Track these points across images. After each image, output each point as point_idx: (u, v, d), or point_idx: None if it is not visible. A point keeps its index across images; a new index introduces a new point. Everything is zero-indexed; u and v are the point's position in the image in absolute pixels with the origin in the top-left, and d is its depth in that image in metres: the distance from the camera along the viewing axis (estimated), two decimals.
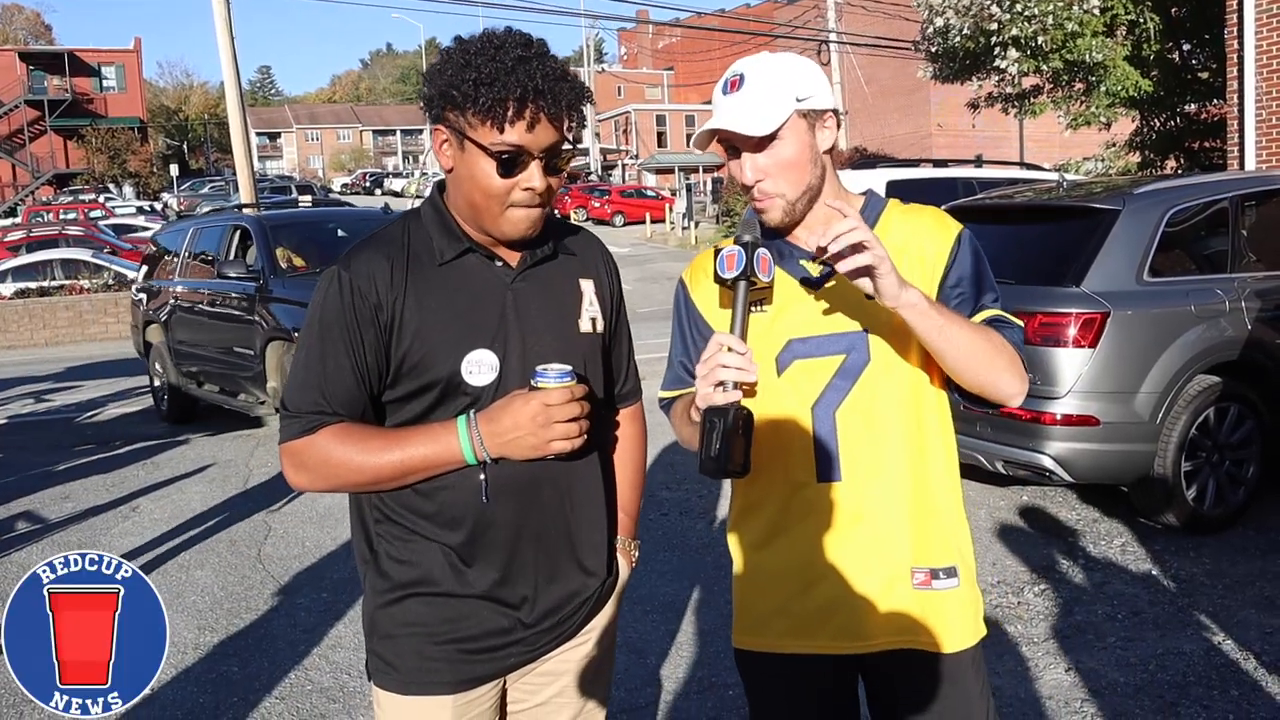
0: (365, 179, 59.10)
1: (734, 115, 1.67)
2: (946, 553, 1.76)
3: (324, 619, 4.43)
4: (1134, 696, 3.44)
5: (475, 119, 1.57)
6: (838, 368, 1.73)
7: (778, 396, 1.75)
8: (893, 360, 1.72)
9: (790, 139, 1.69)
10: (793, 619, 1.77)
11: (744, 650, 1.85)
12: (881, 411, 1.72)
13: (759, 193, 1.72)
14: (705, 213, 36.74)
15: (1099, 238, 4.94)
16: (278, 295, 7.64)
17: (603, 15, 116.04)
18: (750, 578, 1.82)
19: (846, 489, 1.73)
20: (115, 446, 8.39)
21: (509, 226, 1.64)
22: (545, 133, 1.59)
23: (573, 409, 1.57)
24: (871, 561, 1.74)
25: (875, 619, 1.74)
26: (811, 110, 1.70)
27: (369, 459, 1.60)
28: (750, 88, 1.68)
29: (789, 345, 1.75)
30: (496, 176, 1.60)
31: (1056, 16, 12.77)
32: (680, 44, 58.87)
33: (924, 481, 1.75)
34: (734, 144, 1.71)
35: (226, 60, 16.81)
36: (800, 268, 1.77)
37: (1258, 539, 4.90)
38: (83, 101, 51.15)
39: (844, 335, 1.73)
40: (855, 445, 1.72)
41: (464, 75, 1.56)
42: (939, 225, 1.79)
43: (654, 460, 6.62)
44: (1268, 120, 10.53)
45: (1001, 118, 18.33)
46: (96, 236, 23.23)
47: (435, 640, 1.68)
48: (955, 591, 1.76)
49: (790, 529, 1.76)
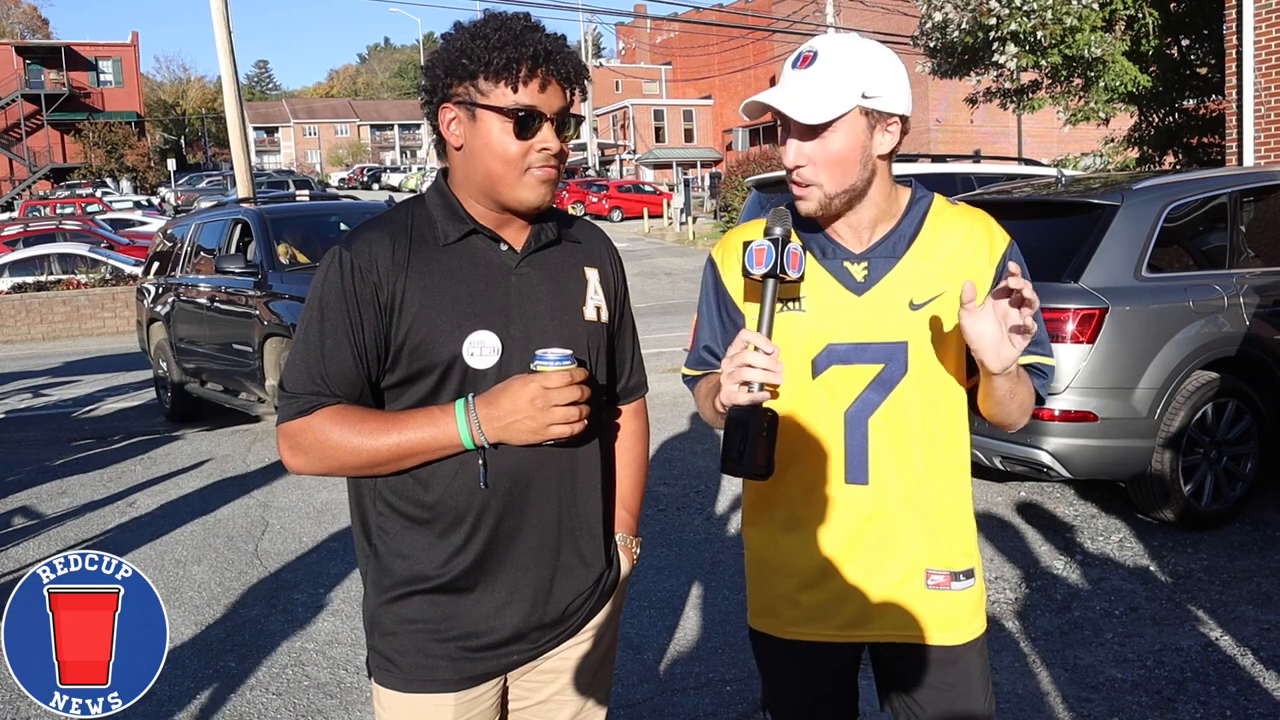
0: (363, 174, 59.06)
1: (790, 96, 1.62)
2: (966, 555, 1.79)
3: (321, 614, 4.43)
4: (1131, 692, 3.45)
5: (488, 84, 1.59)
6: (875, 376, 1.72)
7: (812, 398, 1.74)
8: (928, 373, 1.72)
9: (843, 134, 1.63)
10: (802, 609, 1.79)
11: (758, 631, 1.88)
12: (912, 421, 1.73)
13: (797, 177, 1.68)
14: (703, 208, 36.71)
15: (1097, 233, 4.94)
16: (277, 290, 7.61)
17: (601, 10, 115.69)
18: (765, 565, 1.84)
19: (871, 492, 1.74)
20: (112, 442, 8.38)
21: (527, 192, 1.63)
22: (555, 96, 1.62)
23: (572, 393, 1.55)
24: (886, 560, 1.75)
25: (883, 613, 1.76)
26: (876, 110, 1.64)
27: (365, 441, 1.58)
28: (818, 70, 1.62)
29: (828, 349, 1.73)
30: (513, 138, 1.60)
31: (1055, 11, 12.76)
32: (678, 39, 58.76)
33: (943, 485, 1.76)
34: (786, 123, 1.67)
35: (224, 54, 16.78)
36: (844, 270, 1.73)
37: (1255, 535, 4.91)
38: (80, 96, 51.04)
39: (885, 345, 1.71)
40: (884, 451, 1.73)
41: (474, 45, 1.59)
42: (989, 234, 1.77)
43: (652, 455, 6.62)
44: (1266, 116, 10.53)
45: (1000, 113, 18.31)
46: (93, 231, 23.16)
47: (437, 638, 1.67)
48: (969, 591, 1.79)
49: (810, 524, 1.77)
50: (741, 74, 48.17)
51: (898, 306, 1.70)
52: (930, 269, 1.72)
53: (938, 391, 1.74)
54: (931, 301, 1.71)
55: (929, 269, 1.72)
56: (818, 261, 1.74)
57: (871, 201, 1.72)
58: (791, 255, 1.60)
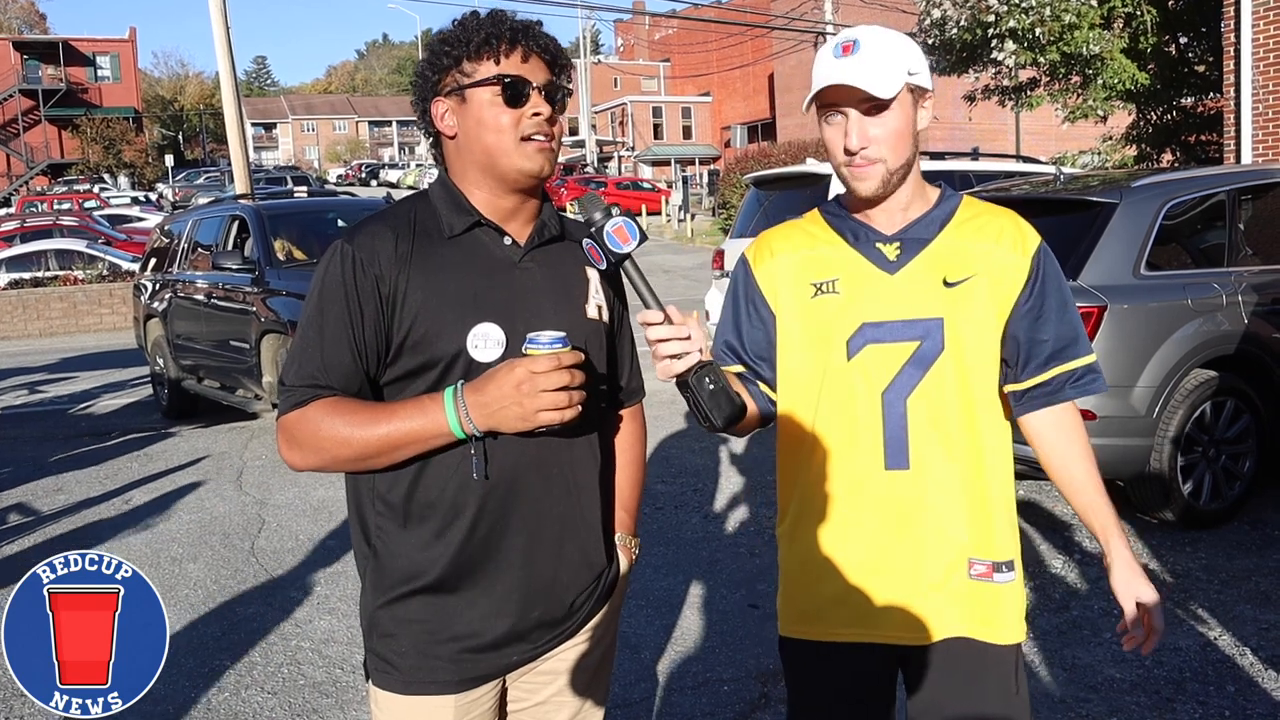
0: (361, 170, 59.00)
1: (857, 73, 1.65)
2: (1007, 547, 1.76)
3: (317, 613, 4.42)
4: (1130, 692, 3.45)
5: (472, 64, 1.63)
6: (911, 354, 1.71)
7: (848, 381, 1.73)
8: (965, 350, 1.72)
9: (899, 110, 1.68)
10: (853, 608, 1.76)
11: (794, 639, 1.83)
12: (950, 400, 1.72)
13: (861, 159, 1.69)
14: (701, 205, 36.70)
15: (1096, 231, 4.94)
16: (274, 287, 7.59)
17: (599, 6, 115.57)
18: (807, 566, 1.79)
19: (913, 477, 1.72)
20: (109, 438, 8.37)
21: (526, 161, 1.64)
22: (539, 68, 1.65)
23: (560, 377, 1.51)
24: (932, 552, 1.73)
25: (936, 611, 1.73)
26: (918, 87, 1.70)
27: (355, 431, 1.55)
28: (867, 52, 1.66)
29: (861, 329, 1.73)
30: (504, 108, 1.62)
31: (1054, 8, 12.76)
32: (677, 36, 58.69)
33: (982, 472, 1.74)
34: (841, 108, 1.69)
35: (222, 50, 16.74)
36: (876, 251, 1.75)
37: (1253, 534, 4.91)
38: (77, 91, 50.90)
39: (920, 322, 1.71)
40: (923, 434, 1.71)
41: (452, 34, 1.65)
42: (1021, 233, 1.78)
43: (649, 454, 6.61)
44: (1264, 114, 10.53)
45: (998, 110, 18.32)
46: (91, 227, 23.12)
47: (437, 638, 1.66)
48: (1011, 585, 1.76)
49: (854, 517, 1.75)
50: (740, 71, 48.10)
51: (932, 283, 1.71)
52: (963, 252, 1.74)
53: (976, 371, 1.73)
54: (965, 281, 1.72)
55: (962, 252, 1.74)
56: (850, 246, 1.77)
57: (911, 181, 1.75)
58: (618, 229, 1.63)
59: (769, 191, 9.16)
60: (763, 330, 1.84)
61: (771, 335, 1.83)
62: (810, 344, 1.77)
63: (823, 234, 1.81)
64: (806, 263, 1.80)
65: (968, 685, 1.76)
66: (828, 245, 1.80)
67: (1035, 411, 1.79)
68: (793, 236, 1.85)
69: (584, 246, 1.67)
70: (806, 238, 1.83)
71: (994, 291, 1.73)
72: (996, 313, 1.74)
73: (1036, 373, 1.77)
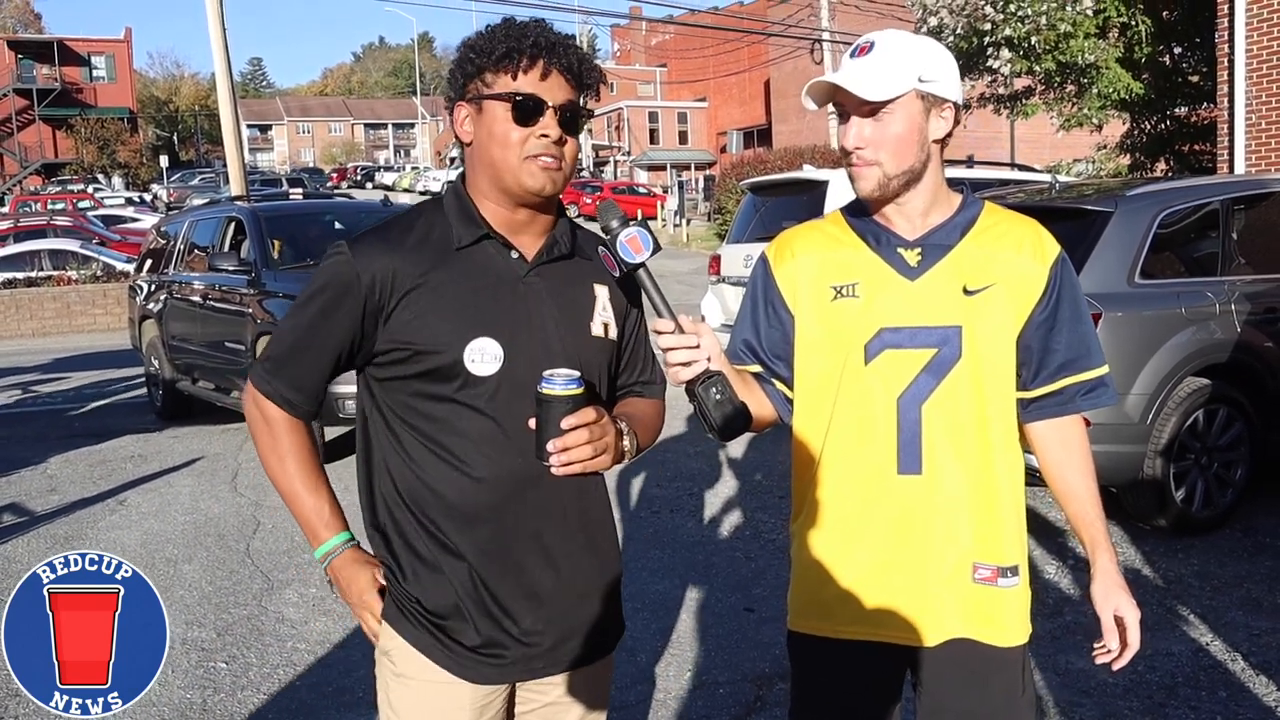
0: (356, 172, 58.95)
1: (851, 76, 1.67)
2: (1012, 551, 1.77)
3: (313, 614, 4.42)
4: (1123, 697, 3.46)
5: (492, 76, 1.64)
6: (928, 361, 1.72)
7: (864, 385, 1.74)
8: (982, 358, 1.73)
9: (901, 115, 1.68)
10: (860, 607, 1.77)
11: (802, 634, 1.84)
12: (965, 408, 1.73)
13: (857, 159, 1.71)
14: (697, 210, 36.71)
15: (1091, 239, 4.96)
16: (270, 289, 7.58)
17: (596, 11, 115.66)
18: (818, 563, 1.81)
19: (924, 483, 1.73)
20: (103, 439, 8.35)
21: (529, 179, 1.64)
22: (559, 87, 1.64)
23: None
24: (940, 555, 1.74)
25: (942, 612, 1.75)
26: (932, 95, 1.70)
27: (274, 469, 1.73)
28: (877, 55, 1.68)
29: (880, 334, 1.74)
30: (513, 124, 1.62)
31: (1050, 17, 12.81)
32: (673, 41, 58.71)
33: (994, 478, 1.75)
34: (846, 108, 1.71)
35: (218, 51, 16.74)
36: (898, 256, 1.75)
37: (1245, 540, 4.94)
38: (72, 91, 50.77)
39: (939, 329, 1.72)
40: (937, 439, 1.73)
41: (480, 42, 1.66)
42: (1041, 243, 1.79)
43: (645, 457, 6.63)
44: (1257, 124, 10.60)
45: (993, 118, 18.36)
46: (85, 227, 23.09)
47: (463, 646, 1.67)
48: (1016, 590, 1.78)
49: (865, 519, 1.76)
50: (736, 77, 48.15)
51: (952, 291, 1.71)
52: (984, 260, 1.75)
53: (991, 379, 1.74)
54: (985, 290, 1.73)
55: (983, 259, 1.75)
56: (871, 250, 1.77)
57: (926, 188, 1.74)
58: (632, 239, 1.63)
59: (765, 197, 9.17)
60: (780, 331, 1.84)
61: (789, 336, 1.83)
62: (828, 347, 1.78)
63: (844, 236, 1.82)
64: (827, 265, 1.80)
65: (974, 687, 1.77)
66: (849, 248, 1.80)
67: (1043, 420, 1.81)
68: (814, 238, 1.85)
69: (599, 254, 1.68)
70: (828, 240, 1.83)
71: (1013, 300, 1.74)
72: (1014, 321, 1.75)
73: (1047, 382, 1.78)
